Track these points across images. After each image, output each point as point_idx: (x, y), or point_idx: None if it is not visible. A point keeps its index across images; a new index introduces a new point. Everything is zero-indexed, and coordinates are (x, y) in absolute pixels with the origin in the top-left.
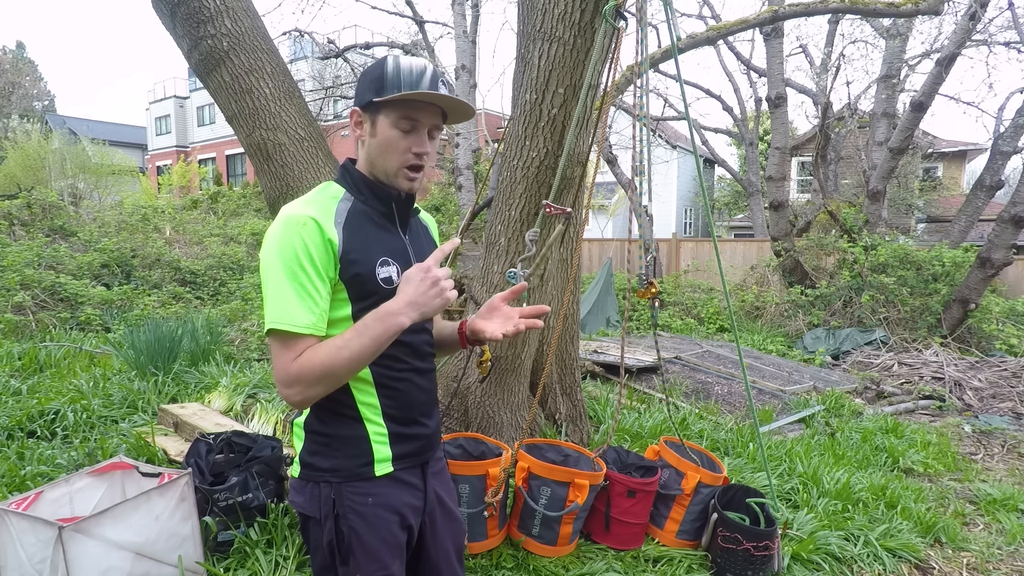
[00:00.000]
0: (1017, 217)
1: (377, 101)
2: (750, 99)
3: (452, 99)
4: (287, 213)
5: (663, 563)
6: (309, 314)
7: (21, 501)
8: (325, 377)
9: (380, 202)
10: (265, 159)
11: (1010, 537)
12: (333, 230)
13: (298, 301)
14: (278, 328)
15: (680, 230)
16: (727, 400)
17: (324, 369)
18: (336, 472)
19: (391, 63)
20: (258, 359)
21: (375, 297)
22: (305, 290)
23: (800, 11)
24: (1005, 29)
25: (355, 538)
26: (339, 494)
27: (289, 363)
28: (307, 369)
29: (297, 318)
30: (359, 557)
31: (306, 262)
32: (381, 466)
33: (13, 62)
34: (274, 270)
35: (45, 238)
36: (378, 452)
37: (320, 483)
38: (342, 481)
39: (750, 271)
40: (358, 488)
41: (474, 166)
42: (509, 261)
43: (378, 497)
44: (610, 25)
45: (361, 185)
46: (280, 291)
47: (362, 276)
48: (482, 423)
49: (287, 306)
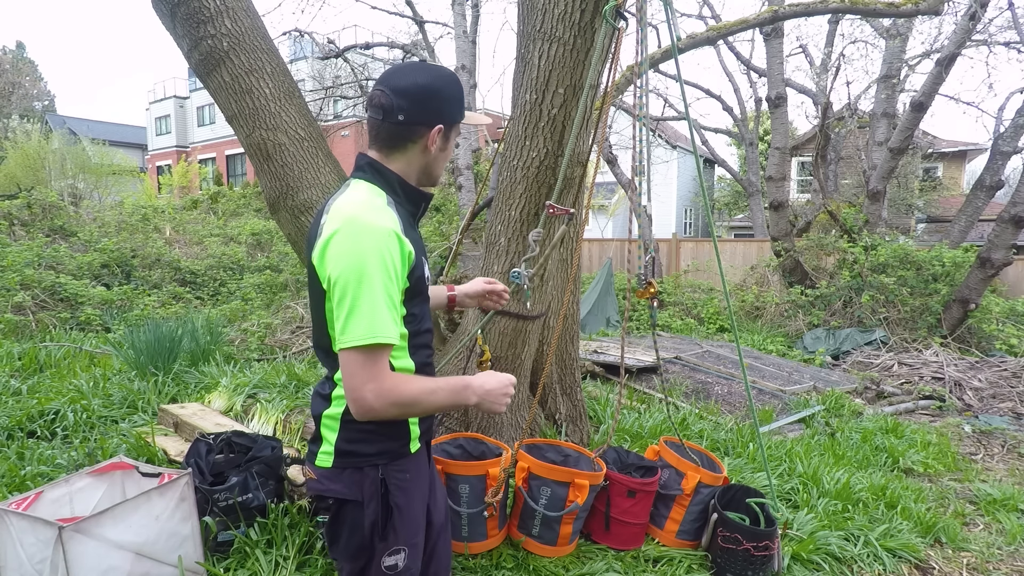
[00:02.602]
0: (1017, 217)
1: (451, 122)
2: (750, 99)
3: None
4: (367, 221)
5: (663, 563)
6: (395, 325)
7: (21, 501)
8: (408, 409)
9: (413, 204)
10: (265, 159)
11: (1010, 537)
12: (406, 239)
13: (388, 313)
14: (374, 342)
15: (680, 230)
16: (727, 400)
17: (414, 401)
18: (383, 454)
19: (458, 86)
20: (258, 359)
21: (420, 295)
22: (392, 302)
23: (800, 11)
24: (1005, 29)
25: (398, 513)
26: (387, 474)
27: (384, 378)
28: (402, 394)
29: (387, 330)
30: (399, 530)
31: (393, 274)
32: (415, 443)
33: (13, 62)
34: (360, 280)
35: (45, 238)
36: (413, 432)
37: (364, 468)
38: (388, 462)
39: (750, 271)
40: (399, 466)
41: (474, 166)
42: (509, 261)
43: (413, 472)
44: (610, 25)
45: (398, 187)
46: (372, 303)
47: (419, 278)
48: (482, 423)
49: (379, 318)
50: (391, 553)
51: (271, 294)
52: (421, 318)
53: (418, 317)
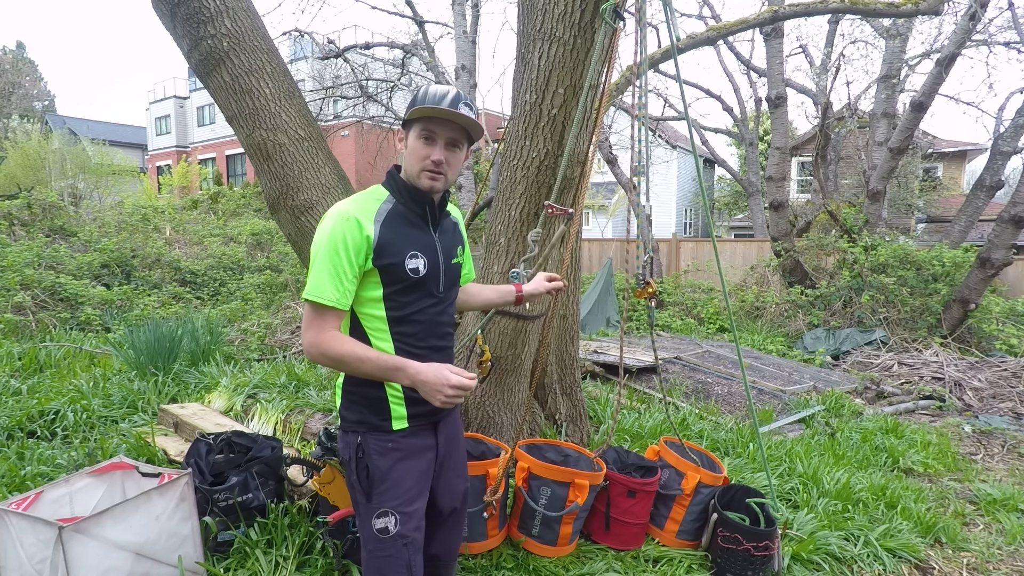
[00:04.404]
0: (1017, 217)
1: (407, 119)
2: (750, 99)
3: (456, 114)
4: (335, 209)
5: (663, 563)
6: (335, 291)
7: (21, 501)
8: (336, 364)
9: (417, 204)
10: (265, 159)
11: (1010, 537)
12: (371, 226)
13: (329, 280)
14: (310, 299)
15: (680, 230)
16: (727, 400)
17: (339, 359)
18: (362, 424)
19: (423, 90)
20: (258, 359)
21: (403, 284)
22: (336, 272)
23: (800, 11)
24: (1005, 29)
25: (377, 472)
26: (364, 440)
27: (320, 331)
28: (330, 348)
29: (326, 293)
30: (382, 491)
31: (341, 250)
32: (398, 422)
33: (13, 62)
34: (316, 253)
35: (45, 238)
36: (395, 411)
37: (349, 432)
38: (367, 431)
39: (750, 271)
40: (380, 437)
41: (474, 166)
42: (509, 261)
43: (397, 443)
44: (608, 25)
45: (402, 189)
46: (318, 270)
47: (393, 265)
48: (482, 423)
49: (320, 283)
50: (379, 515)
51: (271, 294)
52: (405, 305)
53: (401, 303)
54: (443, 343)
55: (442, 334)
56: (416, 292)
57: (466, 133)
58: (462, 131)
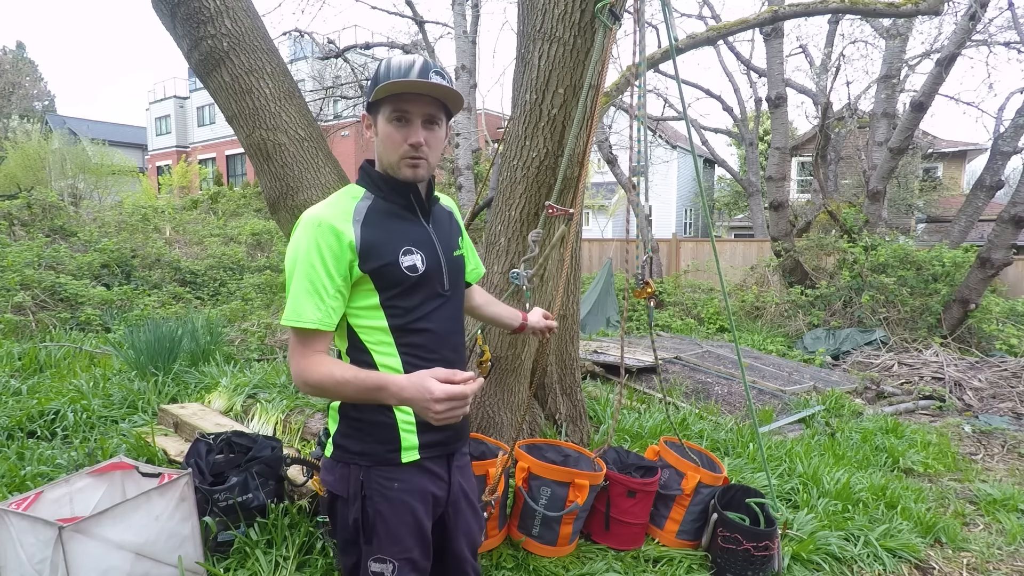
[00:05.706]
0: (1017, 217)
1: (372, 102)
2: (750, 99)
3: (432, 85)
4: (306, 216)
5: (663, 563)
6: (316, 311)
7: (21, 501)
8: (318, 391)
9: (399, 196)
10: (265, 159)
11: (1010, 537)
12: (350, 229)
13: (307, 299)
14: (289, 324)
15: (680, 230)
16: (727, 400)
17: (318, 384)
18: (366, 456)
19: (382, 64)
20: (258, 359)
21: (401, 286)
22: (315, 288)
23: (800, 11)
24: (1005, 29)
25: (379, 519)
26: (368, 477)
27: (301, 358)
28: (309, 374)
29: (305, 315)
30: (382, 538)
31: (318, 262)
32: (408, 453)
33: (13, 62)
34: (291, 270)
35: (45, 238)
36: (405, 440)
37: (351, 465)
38: (371, 465)
39: (750, 271)
40: (385, 473)
41: (474, 166)
42: (509, 261)
43: (404, 483)
44: (604, 25)
45: (380, 182)
46: (295, 290)
47: (386, 267)
48: (482, 423)
49: (298, 304)
50: (376, 560)
51: (271, 294)
52: (409, 311)
53: (405, 309)
54: (456, 356)
55: (454, 344)
56: (419, 294)
57: (443, 106)
58: (439, 104)
